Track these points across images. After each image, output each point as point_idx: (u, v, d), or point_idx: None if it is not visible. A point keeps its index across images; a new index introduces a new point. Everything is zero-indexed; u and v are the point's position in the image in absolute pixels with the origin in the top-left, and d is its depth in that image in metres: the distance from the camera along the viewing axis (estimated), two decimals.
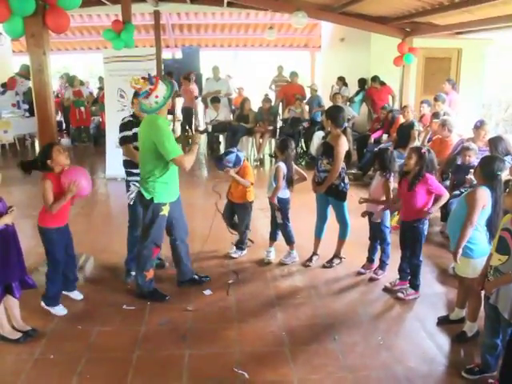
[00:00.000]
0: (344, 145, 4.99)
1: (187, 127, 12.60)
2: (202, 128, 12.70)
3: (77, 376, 3.44)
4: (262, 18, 15.24)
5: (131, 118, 4.84)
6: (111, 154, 8.90)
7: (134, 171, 4.73)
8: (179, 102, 13.93)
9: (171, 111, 12.78)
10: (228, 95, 12.70)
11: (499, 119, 14.22)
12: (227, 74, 14.41)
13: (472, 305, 3.95)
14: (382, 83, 10.81)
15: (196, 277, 4.90)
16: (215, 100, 11.21)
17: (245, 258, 5.55)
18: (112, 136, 8.12)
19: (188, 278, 4.85)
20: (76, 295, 4.56)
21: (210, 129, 11.24)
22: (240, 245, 5.59)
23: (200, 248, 5.36)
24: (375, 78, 10.89)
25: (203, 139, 12.38)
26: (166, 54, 16.16)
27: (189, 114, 13.00)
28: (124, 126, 4.79)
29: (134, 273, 4.84)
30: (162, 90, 4.15)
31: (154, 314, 4.31)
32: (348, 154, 5.13)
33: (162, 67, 12.79)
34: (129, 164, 4.84)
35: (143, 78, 4.10)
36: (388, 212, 5.01)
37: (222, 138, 11.92)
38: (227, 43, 17.38)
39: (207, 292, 4.72)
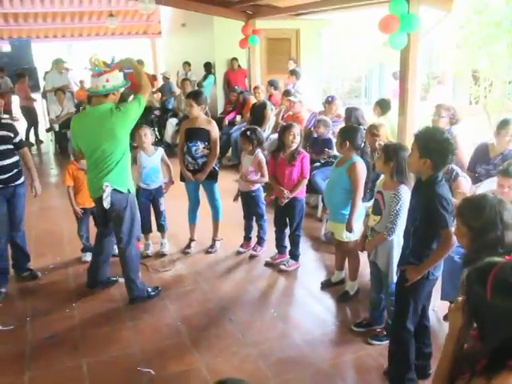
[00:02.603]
0: (217, 128, 5.07)
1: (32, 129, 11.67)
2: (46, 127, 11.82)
3: None
4: (97, 6, 14.50)
5: None
6: None
7: None
8: (15, 101, 12.83)
9: (7, 110, 11.73)
10: (69, 89, 12.00)
11: (339, 93, 15.32)
12: (65, 67, 13.59)
13: (352, 265, 4.25)
14: (239, 66, 10.96)
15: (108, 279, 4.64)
16: (60, 91, 10.49)
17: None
18: None
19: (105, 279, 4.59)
20: None
21: (56, 127, 10.50)
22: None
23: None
24: (234, 59, 10.98)
25: (50, 137, 11.65)
26: None
27: (30, 113, 11.92)
28: None
29: (4, 289, 4.47)
30: (115, 77, 3.93)
31: (37, 328, 3.98)
32: None
33: None
34: None
35: (104, 62, 3.89)
36: (262, 189, 5.15)
37: (69, 133, 11.24)
38: (61, 33, 16.26)
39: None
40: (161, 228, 5.36)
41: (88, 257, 5.11)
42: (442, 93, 12.26)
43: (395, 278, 3.39)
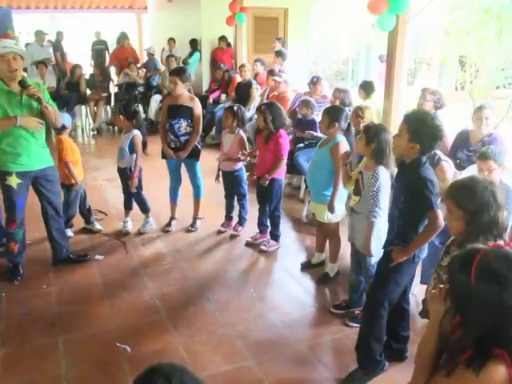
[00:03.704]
0: (200, 105, 4.98)
1: None
2: None
3: None
4: None
5: None
6: None
7: None
8: None
9: None
10: (51, 62, 11.75)
11: (326, 75, 15.21)
12: (48, 40, 13.30)
13: (332, 247, 4.25)
14: (228, 44, 10.79)
15: (72, 256, 4.57)
16: (42, 64, 10.26)
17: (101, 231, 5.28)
18: None
19: (63, 257, 4.51)
20: None
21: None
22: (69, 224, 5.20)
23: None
24: (222, 38, 10.81)
25: None
26: None
27: None
28: None
29: None
30: None
31: (13, 304, 3.92)
32: None
33: None
34: None
35: None
36: (244, 168, 5.11)
37: None
38: (44, 4, 15.82)
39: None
40: (140, 209, 5.29)
41: (70, 232, 5.07)
42: (429, 78, 12.24)
43: (373, 261, 3.40)
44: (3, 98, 3.81)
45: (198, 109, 4.94)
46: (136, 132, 4.95)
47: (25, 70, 11.91)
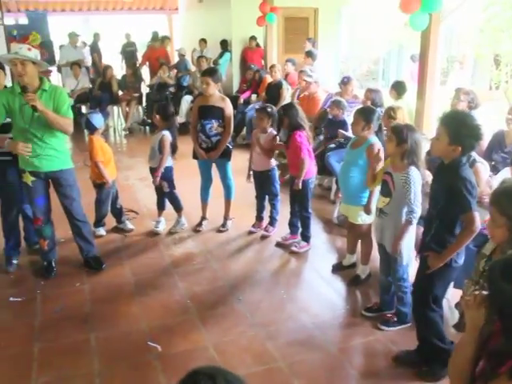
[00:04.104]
0: (231, 106, 4.99)
1: None
2: None
3: None
4: None
5: None
6: None
7: None
8: None
9: None
10: (85, 63, 11.96)
11: (356, 74, 15.10)
12: (82, 41, 13.55)
13: (365, 249, 4.20)
14: (258, 45, 10.82)
15: (89, 260, 4.58)
16: (76, 65, 10.46)
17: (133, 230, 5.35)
18: None
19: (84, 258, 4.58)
20: None
21: (72, 101, 10.49)
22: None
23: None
24: (253, 38, 10.84)
25: None
26: (9, 20, 14.68)
27: None
28: None
29: (15, 261, 4.54)
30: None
31: (47, 301, 4.00)
32: None
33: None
34: None
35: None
36: (276, 168, 5.11)
37: (84, 108, 11.23)
38: (77, 7, 16.15)
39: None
40: (173, 208, 5.33)
41: (102, 231, 5.16)
42: (462, 77, 12.02)
43: (404, 262, 3.36)
44: (17, 100, 3.88)
45: (229, 109, 4.96)
46: (165, 133, 4.98)
47: (59, 70, 12.20)
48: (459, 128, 2.67)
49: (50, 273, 4.39)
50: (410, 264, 3.52)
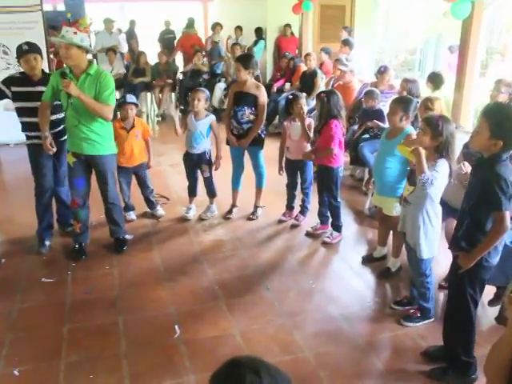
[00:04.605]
0: (265, 94, 4.94)
1: None
2: None
3: (3, 360, 3.15)
4: None
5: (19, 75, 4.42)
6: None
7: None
8: None
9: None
10: (119, 49, 12.05)
11: (392, 65, 14.82)
12: (117, 28, 13.64)
13: (395, 242, 4.12)
14: (292, 33, 10.71)
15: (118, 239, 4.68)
16: (112, 51, 10.55)
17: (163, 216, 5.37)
18: None
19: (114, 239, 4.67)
20: None
21: None
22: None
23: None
24: (287, 26, 10.76)
25: None
26: (47, 6, 14.85)
27: None
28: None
29: (48, 242, 4.62)
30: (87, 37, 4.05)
31: (77, 283, 4.07)
32: None
33: None
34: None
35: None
36: None
37: (118, 94, 11.33)
38: None
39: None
40: (207, 193, 5.34)
41: (132, 215, 5.21)
42: (503, 69, 11.67)
43: (424, 255, 3.29)
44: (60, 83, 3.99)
45: (262, 97, 4.91)
46: (213, 117, 5.05)
47: (95, 56, 12.31)
48: (502, 121, 2.55)
49: (81, 255, 4.45)
50: (432, 258, 3.44)
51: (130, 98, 5.03)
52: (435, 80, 6.25)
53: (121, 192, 5.07)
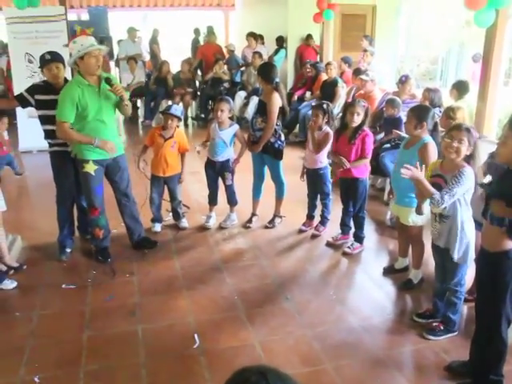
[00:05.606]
0: (277, 101, 4.87)
1: None
2: None
3: (23, 367, 3.16)
4: None
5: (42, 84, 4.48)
6: (23, 126, 8.23)
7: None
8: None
9: None
10: (141, 58, 12.17)
11: (414, 74, 14.71)
12: (139, 36, 13.78)
13: (416, 252, 4.07)
14: (313, 43, 10.72)
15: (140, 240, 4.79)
16: (133, 60, 10.67)
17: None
18: None
19: (135, 241, 4.78)
20: (6, 284, 4.10)
21: (128, 95, 10.69)
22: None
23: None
24: (309, 37, 10.77)
25: None
26: (71, 16, 15.08)
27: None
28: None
29: (69, 249, 4.65)
30: (80, 41, 4.07)
31: (98, 290, 4.09)
32: (283, 111, 5.00)
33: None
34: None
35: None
36: (329, 167, 5.01)
37: (139, 102, 11.43)
38: (137, 3, 16.42)
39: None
40: (228, 201, 5.35)
41: (157, 227, 5.21)
42: None
43: (456, 254, 3.22)
44: (86, 92, 4.07)
45: (271, 103, 4.84)
46: (237, 126, 5.11)
47: (117, 64, 12.46)
48: None
49: (107, 258, 4.50)
50: (467, 268, 3.37)
51: (175, 109, 5.03)
52: (461, 88, 6.17)
53: (150, 201, 5.12)
